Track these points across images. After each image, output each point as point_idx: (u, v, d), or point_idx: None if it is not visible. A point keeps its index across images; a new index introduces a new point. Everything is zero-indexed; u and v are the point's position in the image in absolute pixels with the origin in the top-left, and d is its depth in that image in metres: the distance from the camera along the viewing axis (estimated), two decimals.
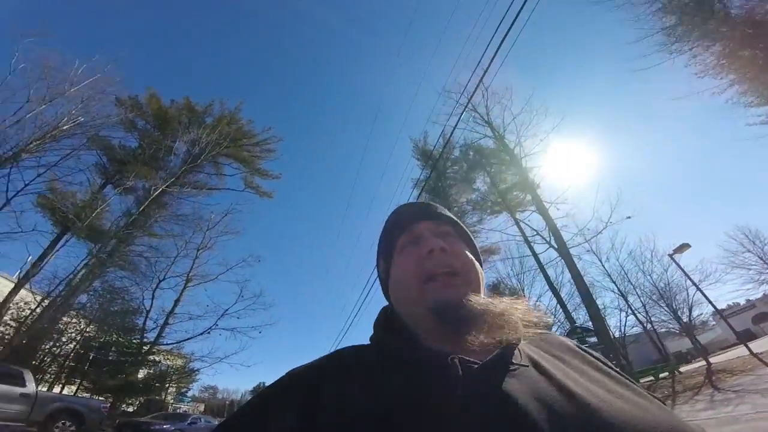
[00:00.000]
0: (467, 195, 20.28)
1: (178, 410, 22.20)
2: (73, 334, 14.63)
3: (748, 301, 36.01)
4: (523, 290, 20.75)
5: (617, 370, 0.61)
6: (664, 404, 0.54)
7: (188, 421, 14.87)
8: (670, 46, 10.89)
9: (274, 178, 24.32)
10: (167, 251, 19.08)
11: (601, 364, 0.62)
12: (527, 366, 0.53)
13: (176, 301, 19.09)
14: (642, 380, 14.98)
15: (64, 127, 15.29)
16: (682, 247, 13.94)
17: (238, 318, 18.71)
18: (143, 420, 13.30)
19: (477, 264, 0.68)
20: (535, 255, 15.43)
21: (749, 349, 12.04)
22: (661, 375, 15.27)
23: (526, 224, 16.47)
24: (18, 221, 13.80)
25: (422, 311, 0.60)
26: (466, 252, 0.68)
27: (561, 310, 15.97)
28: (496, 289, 21.29)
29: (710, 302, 13.34)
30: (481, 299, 0.58)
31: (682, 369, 16.64)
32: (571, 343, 0.68)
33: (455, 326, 0.56)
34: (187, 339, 17.65)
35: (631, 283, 19.15)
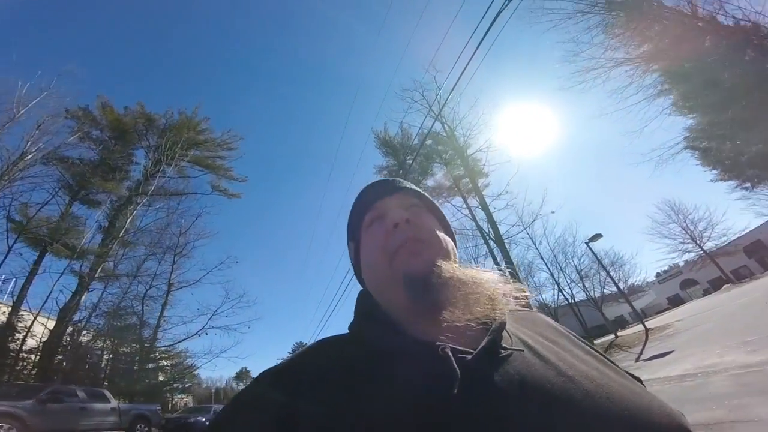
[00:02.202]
0: (426, 181, 23.09)
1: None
2: (100, 352, 15.27)
3: (670, 267, 38.72)
4: (475, 262, 24.82)
5: (599, 350, 0.60)
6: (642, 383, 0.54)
7: (212, 411, 16.72)
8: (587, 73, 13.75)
9: (240, 181, 24.81)
10: (146, 264, 19.49)
11: (585, 344, 0.60)
12: (521, 350, 0.50)
13: (163, 306, 19.84)
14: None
15: (27, 158, 15.05)
16: (596, 237, 18.09)
17: (227, 317, 20.12)
18: (181, 415, 14.94)
19: (445, 234, 0.66)
20: (484, 237, 19.10)
21: (644, 326, 15.34)
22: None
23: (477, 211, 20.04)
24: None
25: (394, 288, 0.56)
26: (433, 222, 0.67)
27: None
28: None
29: (615, 283, 18.56)
30: (449, 266, 0.55)
31: (620, 333, 19.41)
32: (555, 323, 0.66)
33: (427, 298, 0.51)
34: (184, 339, 18.85)
35: (559, 264, 22.35)
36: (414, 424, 0.40)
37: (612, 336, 18.42)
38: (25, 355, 13.44)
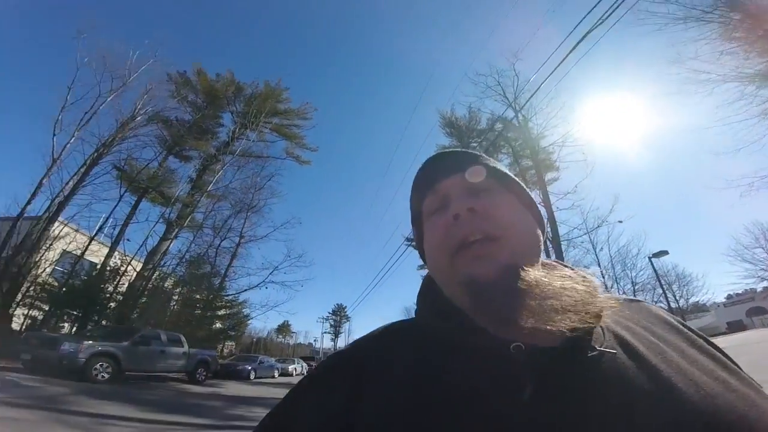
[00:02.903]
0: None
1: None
2: (176, 297, 18.09)
3: (745, 291, 36.54)
4: None
5: (722, 350, 0.49)
6: None
7: (258, 361, 19.06)
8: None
9: (312, 150, 26.73)
10: (223, 215, 21.88)
11: (704, 342, 0.49)
12: (613, 352, 0.42)
13: (232, 257, 22.33)
14: None
15: (137, 119, 17.55)
16: (661, 253, 17.20)
17: (285, 273, 22.13)
18: (230, 362, 17.30)
19: (529, 223, 0.53)
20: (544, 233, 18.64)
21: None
22: None
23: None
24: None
25: (458, 292, 0.48)
26: (513, 208, 0.53)
27: None
28: None
29: (667, 302, 17.26)
30: (531, 272, 0.44)
31: None
32: (668, 315, 0.55)
33: (495, 309, 0.43)
34: (246, 290, 21.35)
35: (616, 275, 21.86)
36: (476, 429, 0.37)
37: None
38: (118, 296, 16.08)
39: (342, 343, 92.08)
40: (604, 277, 21.23)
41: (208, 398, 9.44)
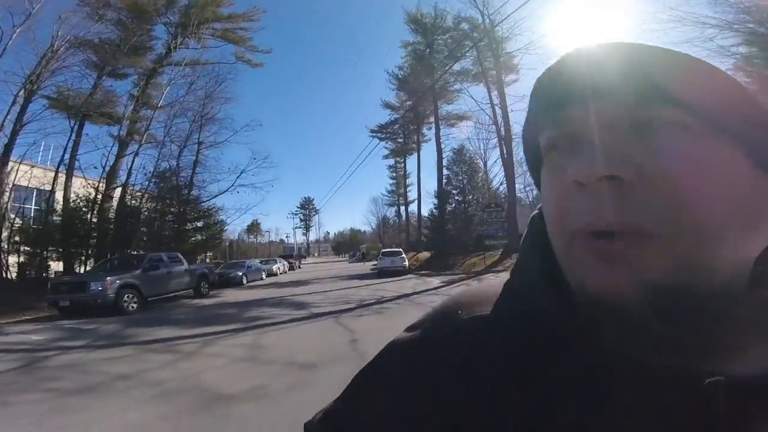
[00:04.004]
0: (453, 65, 22.86)
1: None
2: (152, 215, 18.79)
3: None
4: (484, 153, 26.61)
5: None
6: None
7: (246, 267, 21.32)
8: None
9: (265, 52, 25.19)
10: (179, 127, 21.40)
11: None
12: None
13: (194, 163, 22.34)
14: None
15: (60, 50, 15.95)
16: None
17: (253, 175, 23.06)
18: (224, 271, 19.34)
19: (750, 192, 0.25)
20: (498, 133, 20.30)
21: None
22: None
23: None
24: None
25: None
26: (725, 173, 0.24)
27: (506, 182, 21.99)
28: (459, 153, 26.09)
29: None
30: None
31: None
32: None
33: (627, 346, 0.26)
34: (217, 195, 22.21)
35: None
36: None
37: None
38: (100, 225, 16.74)
39: (314, 236, 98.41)
40: None
41: (221, 308, 11.48)
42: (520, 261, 0.37)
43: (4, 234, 14.07)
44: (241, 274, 19.78)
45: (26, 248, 15.17)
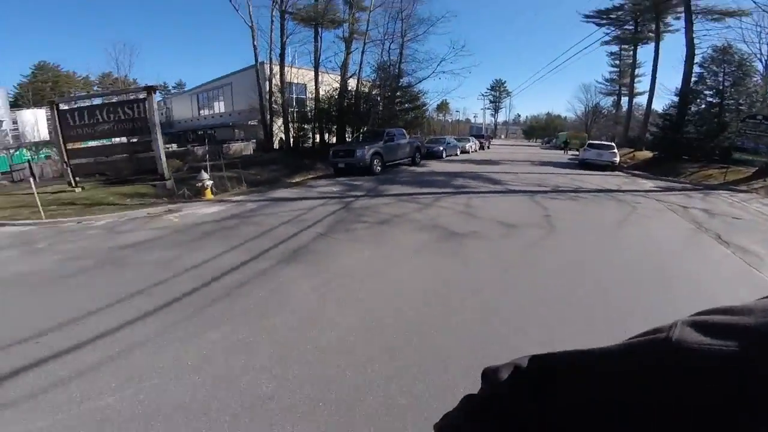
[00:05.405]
0: None
1: None
2: (377, 99, 23.43)
3: None
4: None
5: None
6: None
7: (445, 143, 24.21)
8: None
9: None
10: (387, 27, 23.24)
11: None
12: None
13: (400, 55, 24.61)
14: None
15: None
16: None
17: (451, 63, 23.96)
18: (429, 145, 22.75)
19: None
20: None
21: None
22: None
23: None
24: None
25: None
26: None
27: None
28: (724, 52, 19.44)
29: None
30: None
31: None
32: None
33: None
34: (420, 81, 24.61)
35: None
36: None
37: None
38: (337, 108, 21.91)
39: (502, 118, 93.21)
40: None
41: (432, 175, 14.57)
42: None
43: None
44: (441, 149, 22.80)
45: (302, 125, 21.79)
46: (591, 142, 22.05)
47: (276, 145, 22.05)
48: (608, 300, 3.70)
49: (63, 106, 12.02)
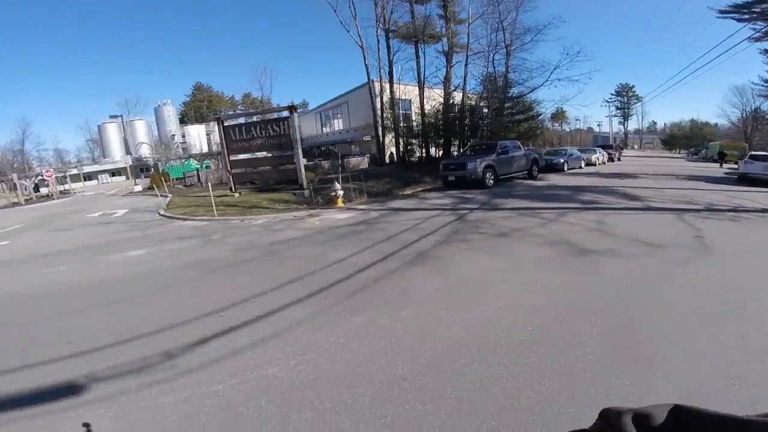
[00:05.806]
0: None
1: None
2: (485, 111, 23.25)
3: None
4: None
5: None
6: None
7: (567, 154, 22.30)
8: None
9: None
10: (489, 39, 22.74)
11: None
12: None
13: (506, 64, 23.53)
14: None
15: None
16: None
17: (567, 69, 22.09)
18: (547, 157, 21.26)
19: None
20: None
21: None
22: None
23: None
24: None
25: None
26: None
27: None
28: None
29: None
30: None
31: None
32: None
33: None
34: (532, 90, 23.03)
35: None
36: None
37: None
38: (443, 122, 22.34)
39: (633, 126, 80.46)
40: None
41: (554, 189, 13.56)
42: None
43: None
44: (562, 161, 21.05)
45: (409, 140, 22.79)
46: (754, 153, 18.01)
47: (387, 160, 23.39)
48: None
49: (227, 123, 15.03)
